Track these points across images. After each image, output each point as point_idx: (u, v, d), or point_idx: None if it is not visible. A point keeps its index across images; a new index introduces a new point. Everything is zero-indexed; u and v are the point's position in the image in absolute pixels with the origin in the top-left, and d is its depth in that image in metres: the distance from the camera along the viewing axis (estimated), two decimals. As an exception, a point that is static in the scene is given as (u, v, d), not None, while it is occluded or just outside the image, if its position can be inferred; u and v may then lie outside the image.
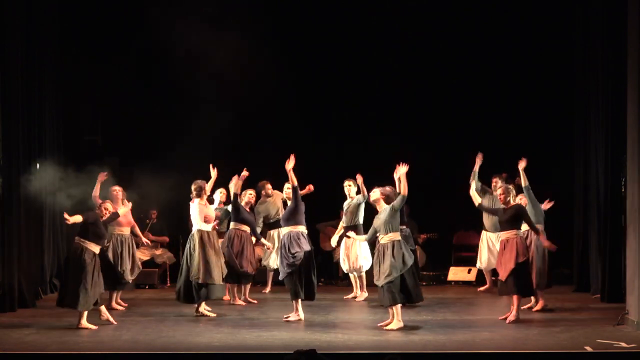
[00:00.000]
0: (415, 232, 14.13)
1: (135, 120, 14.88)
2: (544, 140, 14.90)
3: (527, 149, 14.45)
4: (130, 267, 12.08)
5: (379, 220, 10.44)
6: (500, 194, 11.16)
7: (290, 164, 10.93)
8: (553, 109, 14.83)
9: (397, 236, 10.36)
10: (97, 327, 10.46)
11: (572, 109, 14.36)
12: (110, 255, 11.85)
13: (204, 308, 11.50)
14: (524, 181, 11.71)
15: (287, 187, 11.81)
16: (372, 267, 11.53)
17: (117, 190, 12.17)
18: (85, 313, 10.48)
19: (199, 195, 11.67)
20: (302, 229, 11.01)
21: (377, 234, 10.44)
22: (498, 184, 12.64)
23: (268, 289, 13.66)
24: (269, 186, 13.44)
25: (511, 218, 10.91)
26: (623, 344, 9.29)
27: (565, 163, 14.57)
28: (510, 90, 14.95)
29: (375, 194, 10.57)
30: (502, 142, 14.69)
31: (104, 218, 10.79)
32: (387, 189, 10.67)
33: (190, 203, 11.75)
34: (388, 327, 10.32)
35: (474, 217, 13.52)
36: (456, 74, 14.99)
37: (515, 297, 10.84)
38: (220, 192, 12.85)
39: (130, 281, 12.23)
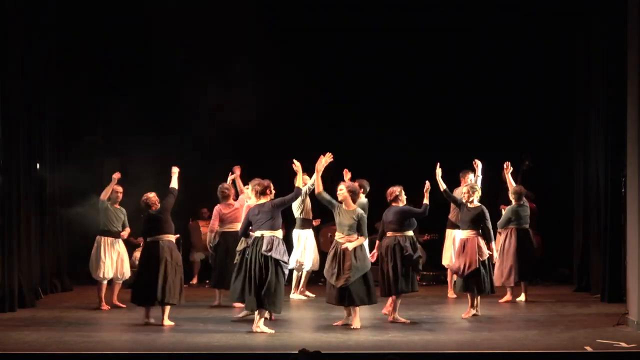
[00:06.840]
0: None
1: (135, 120, 14.86)
2: (544, 139, 14.90)
3: (528, 149, 14.51)
4: None
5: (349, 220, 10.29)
6: (464, 192, 11.21)
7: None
8: (553, 108, 14.82)
9: (362, 241, 10.35)
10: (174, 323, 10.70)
11: (572, 109, 14.36)
12: None
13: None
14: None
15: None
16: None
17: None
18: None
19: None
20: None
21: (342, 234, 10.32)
22: (467, 179, 12.42)
23: (295, 291, 13.12)
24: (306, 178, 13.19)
25: (474, 218, 11.10)
26: (623, 344, 9.29)
27: (565, 163, 14.57)
28: (511, 90, 14.94)
29: (342, 191, 10.38)
30: (503, 142, 14.68)
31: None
32: (353, 184, 10.53)
33: None
34: (353, 326, 10.34)
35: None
36: (456, 73, 14.97)
37: (470, 295, 11.06)
38: None
39: None
